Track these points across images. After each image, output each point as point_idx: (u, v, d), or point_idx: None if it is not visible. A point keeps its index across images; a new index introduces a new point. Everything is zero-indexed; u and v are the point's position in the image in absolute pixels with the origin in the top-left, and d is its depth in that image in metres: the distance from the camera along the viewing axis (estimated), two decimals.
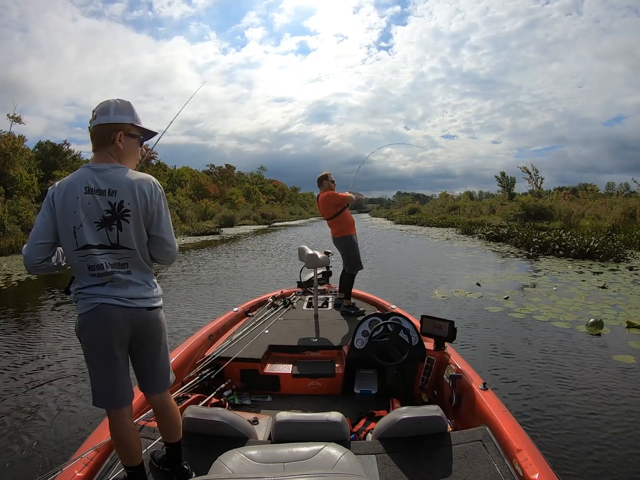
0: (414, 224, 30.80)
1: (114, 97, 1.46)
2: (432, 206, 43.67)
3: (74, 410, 3.05)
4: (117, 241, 1.38)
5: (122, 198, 1.36)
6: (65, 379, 3.63)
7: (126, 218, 1.37)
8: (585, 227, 15.38)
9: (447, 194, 46.79)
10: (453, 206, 37.28)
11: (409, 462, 1.63)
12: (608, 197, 22.31)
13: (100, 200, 1.35)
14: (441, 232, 21.71)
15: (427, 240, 17.94)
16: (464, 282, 7.74)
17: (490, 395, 2.01)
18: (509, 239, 14.51)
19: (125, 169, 1.42)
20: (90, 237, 1.36)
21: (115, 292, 1.39)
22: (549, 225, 18.54)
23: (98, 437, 1.69)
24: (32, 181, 20.14)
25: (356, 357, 2.60)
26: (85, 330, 1.39)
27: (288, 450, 1.29)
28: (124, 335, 1.41)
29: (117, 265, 1.40)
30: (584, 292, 6.70)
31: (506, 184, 36.48)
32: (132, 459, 1.48)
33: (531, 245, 11.85)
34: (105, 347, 1.38)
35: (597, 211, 17.06)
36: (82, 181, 1.36)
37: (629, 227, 13.43)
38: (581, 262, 9.75)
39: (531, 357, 4.00)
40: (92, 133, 1.44)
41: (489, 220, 23.67)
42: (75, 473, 1.48)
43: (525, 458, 1.51)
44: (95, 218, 1.35)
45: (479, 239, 16.89)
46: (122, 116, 1.44)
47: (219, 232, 25.23)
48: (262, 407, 2.53)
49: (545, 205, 21.74)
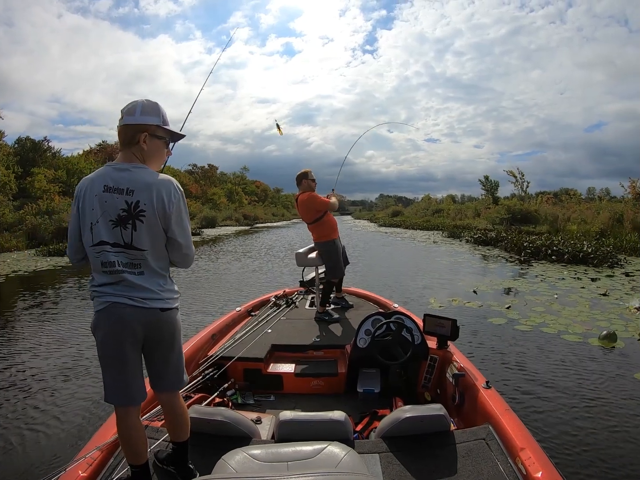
0: (398, 227, 30.39)
1: (141, 98, 1.46)
2: (415, 209, 43.63)
3: (77, 409, 3.05)
4: (130, 241, 1.37)
5: (139, 198, 1.36)
6: (63, 378, 3.63)
7: (141, 218, 1.36)
8: (573, 232, 15.27)
9: (430, 196, 46.87)
10: (436, 209, 37.18)
11: (412, 461, 1.63)
12: (591, 201, 22.50)
13: (117, 199, 1.36)
14: (427, 235, 21.37)
15: (413, 243, 17.53)
16: (460, 289, 7.28)
17: (494, 394, 1.99)
18: (498, 242, 14.18)
19: (147, 170, 1.42)
20: (105, 234, 1.37)
21: (128, 291, 1.39)
22: (535, 229, 18.44)
23: (102, 437, 1.69)
24: (9, 177, 19.27)
25: (359, 356, 2.58)
26: (98, 328, 1.41)
27: (291, 449, 1.29)
28: (136, 335, 1.41)
29: (130, 265, 1.39)
30: (586, 300, 6.36)
31: (490, 187, 36.67)
32: (137, 457, 1.48)
33: (522, 249, 11.52)
34: (117, 346, 1.39)
35: (583, 215, 17.05)
36: (102, 179, 1.38)
37: (618, 232, 13.33)
38: (575, 267, 9.46)
39: (546, 375, 3.56)
40: (118, 133, 1.44)
41: (475, 224, 23.53)
42: (79, 473, 1.48)
43: (528, 456, 1.50)
44: (111, 216, 1.36)
45: (467, 242, 16.56)
46: (148, 117, 1.43)
47: (200, 233, 24.42)
48: (265, 407, 2.50)
49: (531, 209, 21.71)
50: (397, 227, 30.14)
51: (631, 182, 17.77)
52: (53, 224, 16.28)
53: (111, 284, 1.38)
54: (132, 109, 1.42)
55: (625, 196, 17.81)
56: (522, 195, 27.10)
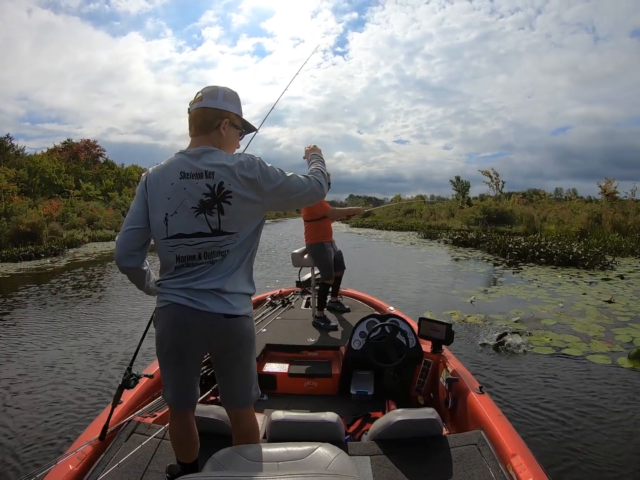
0: (371, 227, 29.40)
1: (221, 84, 1.37)
2: (386, 209, 43.19)
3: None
4: (218, 226, 1.27)
5: (222, 179, 1.26)
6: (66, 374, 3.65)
7: (228, 200, 1.26)
8: (552, 232, 14.98)
9: (401, 197, 46.73)
10: (408, 209, 36.79)
11: (403, 464, 1.62)
12: (562, 202, 22.67)
13: (198, 184, 1.26)
14: (402, 236, 20.65)
15: (390, 245, 16.71)
16: (454, 299, 6.42)
17: (486, 399, 1.96)
18: (479, 244, 13.60)
19: (220, 152, 1.31)
20: (185, 225, 1.27)
21: (190, 284, 1.27)
22: (511, 230, 18.16)
23: (93, 432, 1.68)
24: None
25: (353, 358, 2.58)
26: (156, 325, 1.36)
27: (282, 449, 1.28)
28: (194, 342, 1.31)
29: (212, 255, 1.28)
30: (593, 308, 5.75)
31: (461, 188, 36.81)
32: (184, 456, 1.50)
33: (507, 251, 10.91)
34: (171, 348, 1.33)
35: (559, 215, 16.89)
36: (177, 167, 1.29)
37: (599, 232, 13.07)
38: (566, 270, 8.92)
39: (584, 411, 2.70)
40: (195, 115, 1.34)
41: (449, 224, 23.19)
42: (69, 467, 1.49)
43: (519, 463, 1.49)
44: (193, 203, 1.26)
45: (445, 243, 15.95)
46: (230, 104, 1.36)
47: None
48: (258, 406, 2.30)
49: (507, 209, 21.51)
50: (370, 228, 29.23)
51: (607, 182, 17.82)
52: (10, 227, 14.75)
53: (177, 280, 1.29)
54: (214, 92, 1.34)
55: (595, 197, 17.86)
56: (498, 195, 26.97)
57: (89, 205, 22.66)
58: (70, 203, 21.31)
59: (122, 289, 7.56)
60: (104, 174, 32.27)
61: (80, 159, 32.46)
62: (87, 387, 3.40)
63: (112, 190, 29.55)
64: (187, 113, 1.36)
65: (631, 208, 14.56)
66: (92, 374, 3.68)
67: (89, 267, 10.81)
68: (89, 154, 34.93)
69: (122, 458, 1.57)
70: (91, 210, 21.72)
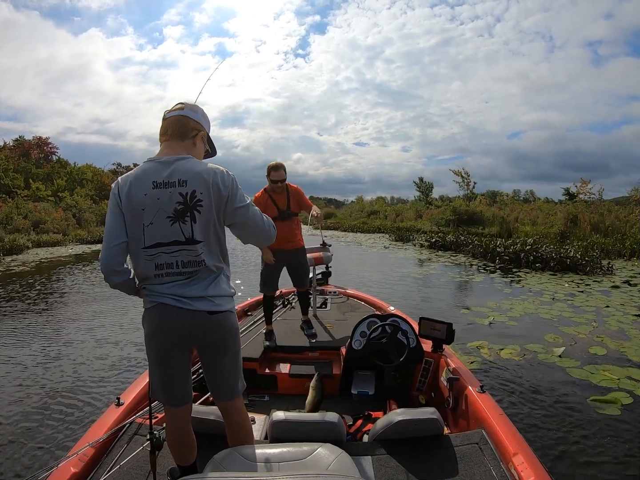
0: (335, 229, 27.77)
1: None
2: (349, 210, 42.28)
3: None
4: (191, 235, 1.29)
5: (194, 187, 1.28)
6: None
7: (198, 208, 1.28)
8: (527, 233, 14.45)
9: (362, 198, 46.06)
10: (371, 210, 36.06)
11: (404, 464, 1.61)
12: (527, 203, 22.65)
13: (171, 192, 1.27)
14: (372, 239, 19.47)
15: (362, 248, 15.42)
16: (469, 321, 5.17)
17: (487, 398, 1.93)
18: (461, 247, 12.69)
19: (195, 160, 1.34)
20: (162, 234, 1.28)
21: (177, 291, 1.31)
22: (484, 231, 17.62)
23: (95, 434, 1.67)
24: None
25: (354, 358, 2.55)
26: (145, 326, 1.37)
27: (283, 450, 1.27)
28: (181, 338, 1.34)
29: (190, 264, 1.31)
30: (629, 326, 4.88)
31: (424, 189, 36.72)
32: (182, 459, 1.47)
33: (496, 256, 10.00)
34: (160, 347, 1.35)
35: (531, 216, 16.54)
36: (149, 176, 1.29)
37: (579, 233, 12.61)
38: (567, 276, 8.11)
39: None
40: (174, 121, 1.37)
41: (418, 226, 22.48)
42: (70, 470, 1.48)
43: (521, 462, 1.47)
44: (168, 212, 1.28)
45: (421, 246, 15.00)
46: (206, 122, 1.45)
47: None
48: (259, 407, 2.47)
49: (477, 210, 21.06)
50: (334, 230, 27.74)
51: (582, 183, 17.74)
52: None
53: (160, 283, 1.31)
54: (196, 107, 1.41)
55: (552, 198, 17.69)
56: (469, 195, 26.67)
57: (37, 206, 20.63)
58: (16, 204, 19.37)
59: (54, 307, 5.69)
60: (55, 173, 29.91)
61: (31, 157, 30.30)
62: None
63: (64, 190, 27.07)
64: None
65: (604, 209, 14.38)
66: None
67: (22, 277, 9.07)
68: (42, 152, 32.61)
69: (124, 460, 1.58)
70: (39, 212, 19.63)
